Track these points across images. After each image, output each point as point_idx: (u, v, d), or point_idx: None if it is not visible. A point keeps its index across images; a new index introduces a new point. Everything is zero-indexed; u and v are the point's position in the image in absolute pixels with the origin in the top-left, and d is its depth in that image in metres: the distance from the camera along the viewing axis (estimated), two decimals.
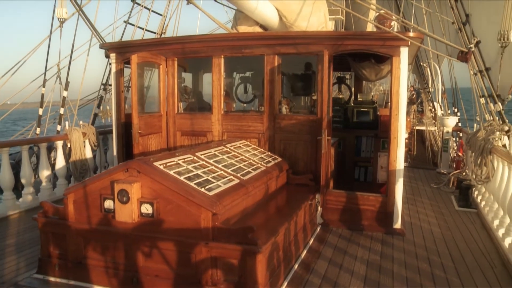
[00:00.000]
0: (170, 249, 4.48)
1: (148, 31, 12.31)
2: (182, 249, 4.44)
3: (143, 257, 4.61)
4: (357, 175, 10.16)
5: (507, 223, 6.49)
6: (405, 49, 6.85)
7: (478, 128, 9.20)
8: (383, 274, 5.41)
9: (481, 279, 5.31)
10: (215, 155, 6.17)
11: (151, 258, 4.58)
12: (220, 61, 7.78)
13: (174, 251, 4.48)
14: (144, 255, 4.60)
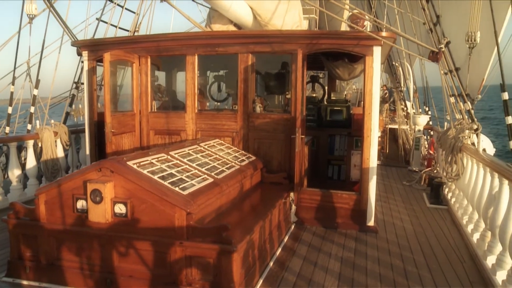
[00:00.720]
0: (145, 249, 4.46)
1: (121, 29, 12.17)
2: (157, 249, 4.42)
3: (117, 258, 4.56)
4: (330, 174, 10.24)
5: (475, 219, 6.64)
6: (378, 49, 6.94)
7: (448, 127, 9.40)
8: (357, 271, 5.48)
9: (451, 273, 5.44)
10: (189, 154, 6.15)
11: (126, 258, 4.54)
12: (194, 59, 7.74)
13: (148, 251, 4.45)
14: (118, 256, 4.56)
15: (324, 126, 10.32)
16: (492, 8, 8.11)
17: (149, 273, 4.46)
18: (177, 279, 4.36)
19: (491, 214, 5.54)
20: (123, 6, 12.20)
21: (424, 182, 10.60)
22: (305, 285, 5.05)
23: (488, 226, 5.73)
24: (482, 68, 10.63)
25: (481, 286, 5.12)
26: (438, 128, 12.69)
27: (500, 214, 5.16)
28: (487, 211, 5.78)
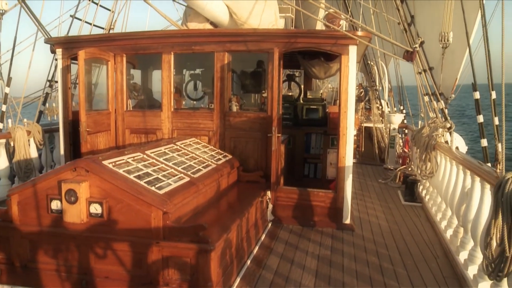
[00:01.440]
0: (121, 249, 4.41)
1: (96, 27, 11.97)
2: (133, 249, 4.38)
3: (93, 259, 4.51)
4: (306, 172, 10.31)
5: (449, 215, 6.77)
6: (353, 48, 7.01)
7: (422, 125, 9.54)
8: (334, 268, 5.54)
9: (425, 269, 5.55)
10: (165, 153, 6.11)
11: (101, 259, 4.49)
12: (170, 58, 7.69)
13: (125, 251, 4.41)
14: (94, 257, 4.50)
15: (300, 125, 10.37)
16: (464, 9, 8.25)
17: (126, 273, 4.43)
18: (154, 279, 4.33)
19: (463, 211, 5.66)
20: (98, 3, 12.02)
21: (399, 180, 10.75)
22: (282, 282, 5.08)
23: (461, 223, 5.85)
24: (455, 68, 10.82)
25: (454, 281, 5.23)
26: (412, 126, 12.86)
27: (472, 211, 5.28)
28: (460, 208, 5.90)
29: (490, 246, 3.99)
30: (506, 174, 3.84)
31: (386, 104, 19.33)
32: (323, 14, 8.88)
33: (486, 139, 7.28)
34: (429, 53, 9.63)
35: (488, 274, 4.05)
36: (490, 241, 3.98)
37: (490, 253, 4.00)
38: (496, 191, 3.87)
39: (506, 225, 3.69)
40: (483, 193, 5.02)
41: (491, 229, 3.96)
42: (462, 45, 9.65)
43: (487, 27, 6.40)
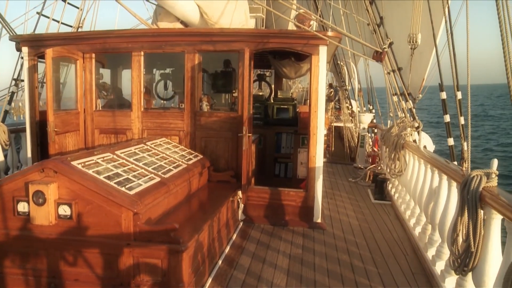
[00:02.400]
0: (90, 251, 4.35)
1: (64, 25, 11.74)
2: (103, 251, 4.33)
3: (62, 261, 4.43)
4: (277, 171, 10.34)
5: (417, 213, 6.91)
6: (324, 48, 7.07)
7: (391, 125, 9.68)
8: (305, 266, 5.59)
9: (395, 266, 5.65)
10: (135, 153, 6.05)
11: (70, 262, 4.42)
12: (140, 57, 7.62)
13: (94, 253, 4.35)
14: (63, 259, 4.43)
15: (271, 124, 10.41)
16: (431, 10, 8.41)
17: (96, 276, 4.37)
18: (124, 281, 4.29)
19: (431, 208, 5.78)
20: (66, 0, 11.81)
21: (368, 179, 10.89)
22: (254, 282, 5.10)
23: (429, 220, 5.98)
24: (423, 68, 11.01)
25: (422, 276, 5.35)
26: (382, 126, 13.05)
27: (439, 208, 5.40)
28: (428, 205, 6.02)
29: (457, 242, 4.09)
30: (472, 172, 3.95)
31: (356, 103, 19.55)
32: (294, 15, 8.93)
33: (452, 138, 7.44)
34: (397, 54, 9.78)
35: (455, 269, 4.15)
36: (456, 237, 4.09)
37: (456, 249, 4.10)
38: (462, 188, 3.97)
39: (472, 221, 3.79)
40: (450, 190, 5.14)
41: (457, 225, 4.06)
42: (430, 46, 9.84)
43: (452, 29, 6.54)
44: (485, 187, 3.76)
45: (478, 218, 3.75)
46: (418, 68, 10.49)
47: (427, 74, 11.44)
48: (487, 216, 3.75)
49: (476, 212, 3.75)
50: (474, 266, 3.80)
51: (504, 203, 3.40)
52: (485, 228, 3.75)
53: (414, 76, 10.01)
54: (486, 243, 3.74)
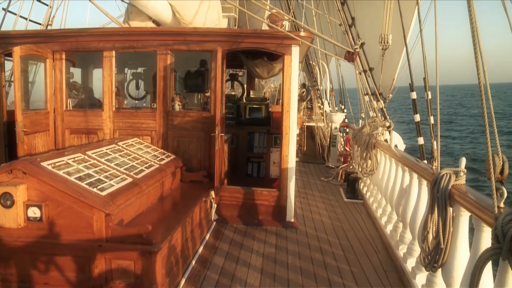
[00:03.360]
0: (61, 254, 4.27)
1: (32, 22, 11.49)
2: (74, 254, 4.26)
3: (31, 265, 4.33)
4: (250, 171, 10.35)
5: (388, 211, 7.01)
6: (296, 48, 7.12)
7: (363, 124, 9.80)
8: (279, 265, 5.61)
9: (367, 264, 5.73)
10: (106, 153, 5.97)
11: (41, 265, 4.33)
12: (111, 56, 7.52)
13: (65, 256, 4.27)
14: (32, 263, 4.33)
15: (244, 124, 10.41)
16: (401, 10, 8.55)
17: (67, 279, 4.29)
18: (96, 284, 4.22)
19: (402, 207, 5.87)
20: None
21: (340, 178, 11.00)
22: (228, 282, 5.10)
23: (400, 218, 6.07)
24: (393, 69, 11.19)
25: (394, 274, 5.43)
26: (353, 125, 13.18)
27: (410, 206, 5.49)
28: (399, 204, 6.12)
29: (427, 239, 4.17)
30: (441, 171, 4.03)
31: (328, 103, 19.71)
32: (267, 15, 8.95)
33: (422, 137, 7.57)
34: (368, 54, 9.91)
35: (425, 266, 4.23)
36: (427, 234, 4.16)
37: (427, 246, 4.18)
38: (432, 186, 4.05)
39: (441, 219, 3.86)
40: (420, 189, 5.23)
41: (427, 223, 4.14)
42: (399, 46, 9.99)
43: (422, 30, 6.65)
44: (454, 185, 3.84)
45: (448, 215, 3.83)
46: (389, 68, 10.66)
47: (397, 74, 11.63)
48: (455, 214, 3.83)
49: (446, 210, 3.83)
50: (443, 262, 3.88)
51: (471, 200, 3.49)
52: (454, 225, 3.83)
53: (384, 76, 10.17)
54: (455, 239, 3.82)
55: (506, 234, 2.61)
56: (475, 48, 3.20)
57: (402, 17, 8.30)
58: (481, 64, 3.17)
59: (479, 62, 3.17)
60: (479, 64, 3.17)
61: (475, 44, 3.20)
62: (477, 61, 3.18)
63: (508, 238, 2.60)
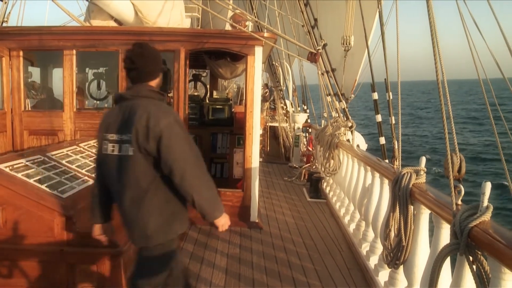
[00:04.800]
0: (21, 259, 4.14)
1: None
2: (35, 259, 4.14)
3: None
4: (213, 172, 10.30)
5: (351, 210, 7.12)
6: (259, 49, 7.14)
7: (325, 124, 9.91)
8: (244, 265, 5.63)
9: (331, 262, 5.80)
10: (67, 155, 5.85)
11: None
12: (72, 55, 7.37)
13: (25, 262, 4.14)
14: None
15: (207, 125, 10.36)
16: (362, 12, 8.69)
17: (28, 285, 4.17)
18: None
19: (365, 205, 5.98)
20: None
21: (304, 178, 11.10)
22: (193, 282, 5.08)
23: (363, 217, 6.18)
24: (355, 69, 11.35)
25: (357, 271, 5.52)
26: (316, 125, 13.31)
27: (372, 205, 5.59)
28: (362, 202, 6.23)
29: (389, 237, 4.26)
30: (402, 170, 4.12)
31: (291, 104, 19.82)
32: (230, 15, 8.94)
33: (384, 137, 7.71)
34: (330, 55, 10.03)
35: (387, 263, 4.32)
36: (389, 232, 4.25)
37: (389, 244, 4.27)
38: (394, 185, 4.14)
39: (403, 217, 3.95)
40: (382, 188, 5.34)
41: (389, 221, 4.23)
42: (361, 47, 10.15)
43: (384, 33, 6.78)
44: (414, 184, 3.94)
45: (409, 213, 3.92)
46: (351, 69, 10.80)
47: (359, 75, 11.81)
48: (416, 212, 3.93)
49: (407, 208, 3.93)
50: (405, 259, 3.97)
51: (431, 198, 3.58)
52: (415, 223, 3.93)
53: (346, 77, 10.30)
54: (415, 237, 3.92)
55: (463, 230, 2.70)
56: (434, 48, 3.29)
57: (363, 18, 8.43)
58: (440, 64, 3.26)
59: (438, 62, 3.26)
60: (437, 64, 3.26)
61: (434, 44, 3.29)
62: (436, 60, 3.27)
63: (466, 234, 2.68)
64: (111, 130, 3.29)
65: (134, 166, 3.17)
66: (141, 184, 3.19)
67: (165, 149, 3.11)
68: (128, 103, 3.29)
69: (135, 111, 3.19)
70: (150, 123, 3.11)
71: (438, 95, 3.19)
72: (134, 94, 3.32)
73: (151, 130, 3.10)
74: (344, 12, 9.77)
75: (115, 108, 3.41)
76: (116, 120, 3.29)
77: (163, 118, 3.16)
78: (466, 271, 2.82)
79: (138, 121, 3.13)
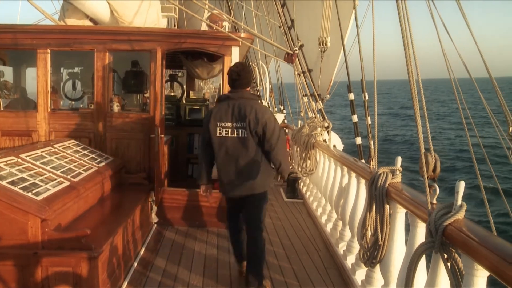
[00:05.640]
0: None
1: None
2: (8, 263, 4.05)
3: None
4: (190, 172, 10.27)
5: (328, 210, 7.17)
6: (236, 49, 7.14)
7: (302, 125, 9.96)
8: (221, 266, 5.63)
9: (308, 262, 5.83)
10: (42, 156, 5.74)
11: None
12: (46, 55, 7.25)
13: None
14: None
15: (183, 125, 10.33)
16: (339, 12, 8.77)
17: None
18: None
19: (341, 205, 6.02)
20: None
21: (280, 178, 11.10)
22: (170, 283, 5.07)
23: (339, 216, 6.23)
24: (330, 70, 11.46)
25: (334, 271, 5.56)
26: (293, 126, 13.36)
27: (349, 205, 5.64)
28: (338, 202, 6.27)
29: (366, 236, 4.30)
30: (378, 170, 4.17)
31: (267, 104, 19.86)
32: (207, 15, 8.92)
33: (360, 137, 7.79)
34: (307, 56, 10.09)
35: (364, 262, 4.36)
36: (365, 231, 4.29)
37: (365, 243, 4.31)
38: (370, 185, 4.18)
39: (379, 216, 4.00)
40: (359, 187, 5.39)
41: (366, 220, 4.27)
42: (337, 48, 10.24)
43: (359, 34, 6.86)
44: (390, 183, 3.98)
45: (385, 212, 3.97)
46: (326, 70, 10.89)
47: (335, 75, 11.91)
48: (392, 211, 3.98)
49: (383, 207, 3.97)
50: (381, 258, 4.02)
51: (407, 197, 3.63)
52: (391, 222, 3.97)
53: (323, 77, 10.38)
54: (392, 236, 3.97)
55: (438, 229, 2.75)
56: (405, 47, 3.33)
57: (340, 19, 8.50)
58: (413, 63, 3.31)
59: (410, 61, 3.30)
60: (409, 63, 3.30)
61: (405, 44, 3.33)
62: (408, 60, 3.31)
63: (440, 232, 2.73)
64: (225, 120, 4.82)
65: (247, 143, 4.77)
66: (251, 154, 4.79)
67: (269, 132, 4.74)
68: (235, 102, 4.82)
69: (245, 107, 4.76)
70: (258, 116, 4.72)
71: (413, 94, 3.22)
72: (240, 96, 4.86)
73: (259, 120, 4.71)
74: (321, 12, 9.84)
75: (223, 105, 4.88)
76: (227, 113, 4.81)
77: (266, 113, 4.83)
78: (441, 268, 2.86)
79: (250, 114, 4.71)
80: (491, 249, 2.36)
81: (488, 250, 2.37)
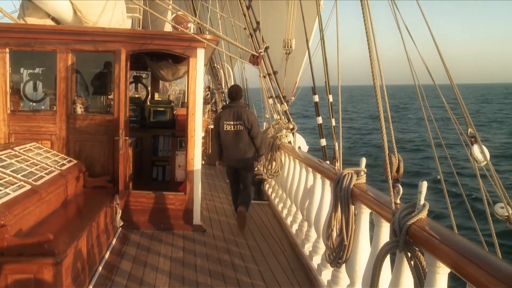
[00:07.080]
0: None
1: None
2: None
3: None
4: (155, 175, 10.19)
5: (294, 211, 7.23)
6: (201, 51, 7.12)
7: (267, 127, 10.00)
8: (187, 268, 5.60)
9: (274, 263, 5.86)
10: (1, 159, 5.58)
11: None
12: (5, 54, 7.05)
13: None
14: None
15: (148, 127, 10.23)
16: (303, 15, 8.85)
17: None
18: None
19: (307, 206, 6.08)
20: None
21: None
22: (136, 286, 5.03)
23: (305, 217, 6.28)
24: (295, 72, 11.55)
25: (301, 272, 5.61)
26: None
27: (314, 206, 5.70)
28: (304, 203, 6.33)
29: (331, 236, 4.35)
30: (343, 171, 4.23)
31: None
32: (171, 16, 8.86)
33: (325, 139, 7.87)
34: (273, 58, 10.14)
35: (330, 262, 4.41)
36: (331, 232, 4.35)
37: (331, 243, 4.36)
38: (335, 186, 4.23)
39: (344, 216, 4.05)
40: (324, 189, 5.45)
41: (331, 221, 4.32)
42: (302, 50, 10.32)
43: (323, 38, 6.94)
44: (355, 184, 4.04)
45: (350, 213, 4.03)
46: (290, 72, 10.97)
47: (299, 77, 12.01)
48: (357, 211, 4.04)
49: (348, 208, 4.03)
50: (347, 258, 4.07)
51: (371, 198, 3.69)
52: (356, 222, 4.04)
53: (288, 79, 10.46)
54: (357, 236, 4.03)
55: (402, 228, 2.81)
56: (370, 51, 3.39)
57: (304, 20, 8.57)
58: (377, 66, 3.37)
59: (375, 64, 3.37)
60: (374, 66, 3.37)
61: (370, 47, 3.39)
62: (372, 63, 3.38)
63: (404, 232, 2.79)
64: (229, 119, 7.43)
65: (243, 134, 7.41)
66: (246, 141, 7.44)
67: (254, 128, 7.40)
68: (234, 108, 7.47)
69: (240, 112, 7.40)
70: (248, 117, 7.36)
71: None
72: (237, 105, 7.56)
73: (249, 120, 7.35)
74: (286, 15, 9.90)
75: (227, 110, 7.57)
76: (229, 115, 7.45)
77: (251, 115, 7.48)
78: (405, 267, 2.92)
79: (243, 116, 7.34)
80: (451, 246, 2.43)
81: (448, 248, 2.44)
